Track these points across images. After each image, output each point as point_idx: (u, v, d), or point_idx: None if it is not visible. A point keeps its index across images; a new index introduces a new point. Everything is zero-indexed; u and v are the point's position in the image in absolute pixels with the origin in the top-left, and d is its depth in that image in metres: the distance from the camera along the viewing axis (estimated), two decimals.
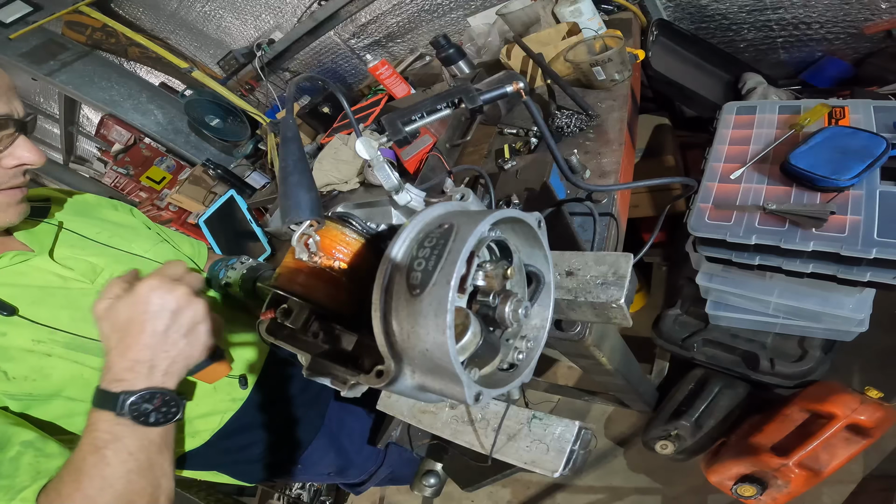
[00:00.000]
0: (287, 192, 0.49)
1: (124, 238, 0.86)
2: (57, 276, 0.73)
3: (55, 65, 2.44)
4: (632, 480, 1.50)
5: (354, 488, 1.28)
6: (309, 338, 0.58)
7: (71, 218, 0.82)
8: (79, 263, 0.76)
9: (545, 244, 0.56)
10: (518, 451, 0.63)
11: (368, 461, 1.22)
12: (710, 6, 1.45)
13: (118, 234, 0.85)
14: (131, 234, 0.89)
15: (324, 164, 1.48)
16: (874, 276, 0.81)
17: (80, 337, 0.70)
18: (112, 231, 0.85)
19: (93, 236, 0.82)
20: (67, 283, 0.73)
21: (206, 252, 1.05)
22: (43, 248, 0.73)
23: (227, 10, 2.31)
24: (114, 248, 0.83)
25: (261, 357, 0.96)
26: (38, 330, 0.67)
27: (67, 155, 4.16)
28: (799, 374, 1.13)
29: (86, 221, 0.84)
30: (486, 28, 1.62)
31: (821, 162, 0.87)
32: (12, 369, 0.65)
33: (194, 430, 0.85)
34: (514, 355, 0.55)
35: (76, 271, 0.75)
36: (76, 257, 0.77)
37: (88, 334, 0.71)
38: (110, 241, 0.83)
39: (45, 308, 0.69)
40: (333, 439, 1.10)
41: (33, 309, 0.68)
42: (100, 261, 0.78)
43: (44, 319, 0.68)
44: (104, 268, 0.78)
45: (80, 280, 0.74)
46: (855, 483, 1.16)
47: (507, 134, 1.23)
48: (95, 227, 0.84)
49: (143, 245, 0.88)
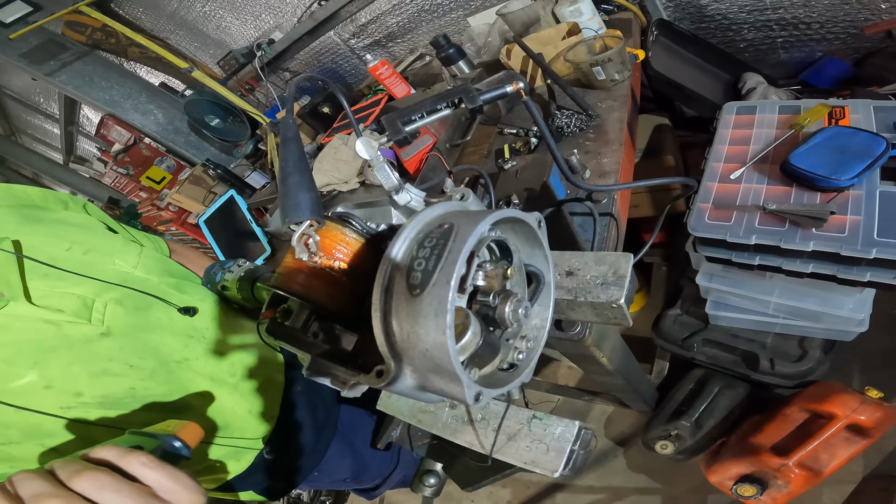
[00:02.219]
0: (287, 192, 0.49)
1: (102, 251, 0.71)
2: (47, 324, 0.60)
3: (55, 65, 2.44)
4: (632, 480, 1.50)
5: (369, 493, 1.26)
6: (309, 338, 0.58)
7: (24, 230, 0.64)
8: (65, 300, 0.62)
9: (545, 244, 0.56)
10: (518, 451, 0.63)
11: (383, 464, 1.21)
12: (710, 6, 1.45)
13: (92, 247, 0.70)
14: (104, 243, 0.74)
15: (324, 164, 1.48)
16: (874, 276, 0.81)
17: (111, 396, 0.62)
18: (83, 243, 0.69)
19: (63, 255, 0.65)
20: (62, 330, 0.61)
21: (165, 244, 0.96)
22: (10, 287, 0.58)
23: (227, 10, 2.31)
24: (96, 267, 0.68)
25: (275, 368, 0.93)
26: (59, 395, 0.58)
27: (67, 155, 4.17)
28: (799, 374, 1.13)
29: (44, 232, 0.67)
30: (486, 28, 1.62)
31: (821, 162, 0.87)
32: (59, 445, 0.58)
33: (239, 455, 0.83)
34: (514, 355, 0.55)
35: (67, 312, 0.61)
36: (58, 291, 0.62)
37: (118, 391, 0.63)
38: (87, 257, 0.68)
39: (53, 368, 0.59)
40: (348, 444, 1.08)
41: (39, 372, 0.57)
42: (87, 290, 0.64)
43: (59, 382, 0.58)
44: (94, 298, 0.65)
45: (75, 321, 0.62)
46: (855, 483, 1.16)
47: (507, 134, 1.23)
48: (61, 240, 0.67)
49: (126, 258, 0.74)
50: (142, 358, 0.68)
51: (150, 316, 0.72)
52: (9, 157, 4.32)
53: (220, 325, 0.83)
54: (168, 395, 0.71)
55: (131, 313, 0.70)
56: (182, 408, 0.72)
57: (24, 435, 0.58)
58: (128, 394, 0.65)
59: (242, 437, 0.83)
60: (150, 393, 0.68)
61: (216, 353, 0.80)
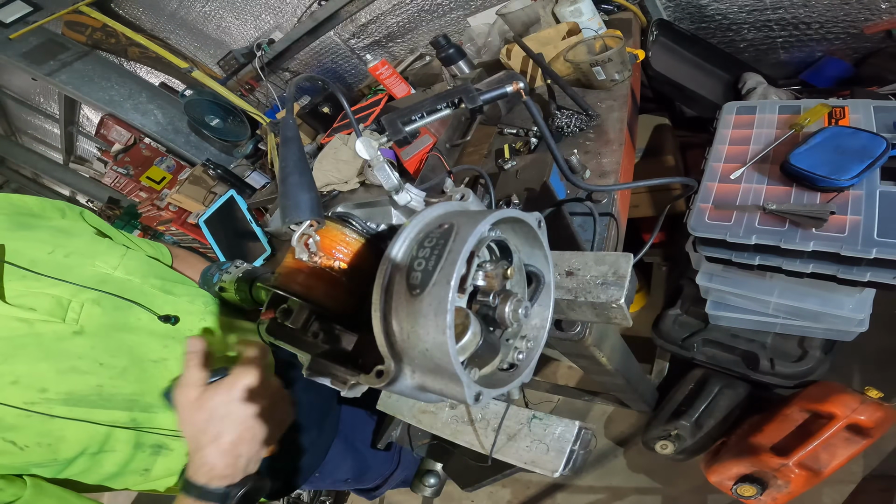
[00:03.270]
0: (287, 192, 0.49)
1: (84, 254, 0.73)
2: (19, 321, 0.62)
3: (55, 65, 2.44)
4: (632, 480, 1.50)
5: (369, 493, 1.26)
6: (309, 338, 0.58)
7: (11, 236, 0.68)
8: (39, 300, 0.64)
9: (545, 244, 0.56)
10: (518, 451, 0.63)
11: (384, 464, 1.21)
12: (710, 6, 1.45)
13: (75, 250, 0.72)
14: (89, 247, 0.75)
15: (324, 164, 1.48)
16: (874, 276, 0.81)
17: (76, 393, 0.63)
18: (66, 245, 0.72)
19: (44, 259, 0.68)
20: (34, 328, 0.62)
21: (168, 251, 0.98)
22: None
23: (227, 10, 2.31)
24: (74, 270, 0.69)
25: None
26: (24, 390, 0.60)
27: (67, 155, 4.17)
28: (799, 374, 1.13)
29: (31, 237, 0.70)
30: (486, 28, 1.62)
31: (821, 162, 0.87)
32: (20, 438, 0.59)
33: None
34: (514, 355, 0.55)
35: (39, 311, 0.63)
36: (33, 292, 0.64)
37: (84, 388, 0.64)
38: (68, 259, 0.70)
39: (21, 364, 0.60)
40: (349, 445, 1.08)
41: (7, 368, 0.59)
42: (63, 291, 0.66)
43: (26, 378, 0.60)
44: (70, 298, 0.67)
45: (48, 320, 0.64)
46: (855, 483, 1.16)
47: (507, 134, 1.23)
48: (45, 243, 0.70)
49: (108, 259, 0.75)
50: (113, 356, 0.68)
51: (129, 316, 0.72)
52: (9, 157, 4.32)
53: (208, 326, 0.83)
54: (139, 394, 0.70)
55: (109, 313, 0.70)
56: (154, 406, 0.72)
57: None
58: (94, 391, 0.65)
59: None
60: (119, 392, 0.68)
61: None
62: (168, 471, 0.75)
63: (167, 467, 0.75)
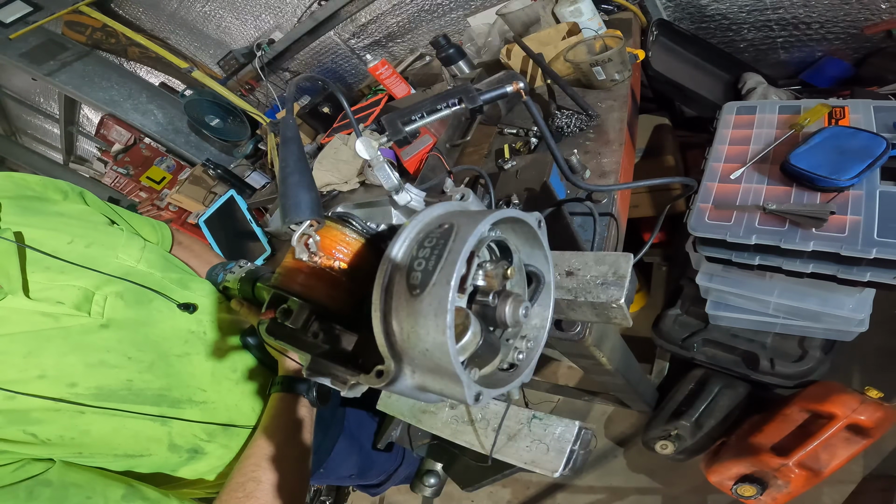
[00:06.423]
0: (287, 192, 0.49)
1: (104, 245, 0.72)
2: (45, 316, 0.60)
3: (55, 65, 2.44)
4: (632, 480, 1.50)
5: (373, 489, 1.26)
6: (309, 338, 0.57)
7: (25, 221, 0.65)
8: (66, 292, 0.62)
9: (545, 244, 0.56)
10: (518, 451, 0.63)
11: (388, 461, 1.21)
12: (710, 6, 1.45)
13: (95, 241, 0.71)
14: (107, 237, 0.74)
15: (324, 164, 1.48)
16: (874, 276, 0.81)
17: (106, 387, 0.62)
18: (85, 236, 0.70)
19: (65, 249, 0.66)
20: (61, 322, 0.61)
21: (169, 233, 0.96)
22: (10, 280, 0.59)
23: (227, 10, 2.31)
24: (98, 260, 0.68)
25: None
26: (52, 384, 0.58)
27: (67, 155, 4.17)
28: (799, 374, 1.13)
29: (45, 225, 0.68)
30: (486, 28, 1.62)
31: (821, 162, 0.87)
32: (42, 432, 0.57)
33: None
34: (514, 355, 0.55)
35: (67, 304, 0.62)
36: (58, 284, 0.62)
37: (114, 382, 0.63)
38: (90, 250, 0.69)
39: (47, 357, 0.59)
40: (354, 441, 1.08)
41: (33, 361, 0.58)
42: (88, 283, 0.65)
43: (53, 372, 0.59)
44: (95, 291, 0.65)
45: (75, 314, 0.63)
46: (855, 483, 1.16)
47: (507, 134, 1.23)
48: (62, 233, 0.68)
49: (129, 252, 0.75)
50: (141, 350, 0.68)
51: (151, 310, 0.73)
52: (9, 157, 4.31)
53: (222, 322, 0.83)
54: (167, 388, 0.70)
55: (132, 307, 0.70)
56: (183, 402, 0.72)
57: (10, 420, 0.57)
58: (124, 386, 0.65)
59: (247, 434, 0.83)
60: (149, 386, 0.68)
61: (217, 349, 0.80)
62: (195, 473, 0.75)
63: (195, 469, 0.75)
